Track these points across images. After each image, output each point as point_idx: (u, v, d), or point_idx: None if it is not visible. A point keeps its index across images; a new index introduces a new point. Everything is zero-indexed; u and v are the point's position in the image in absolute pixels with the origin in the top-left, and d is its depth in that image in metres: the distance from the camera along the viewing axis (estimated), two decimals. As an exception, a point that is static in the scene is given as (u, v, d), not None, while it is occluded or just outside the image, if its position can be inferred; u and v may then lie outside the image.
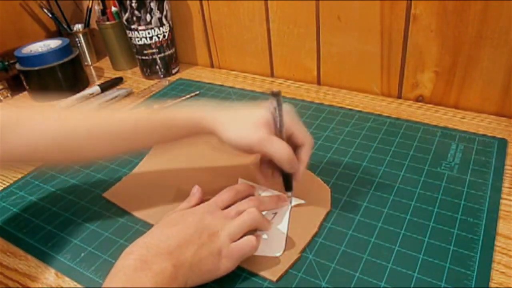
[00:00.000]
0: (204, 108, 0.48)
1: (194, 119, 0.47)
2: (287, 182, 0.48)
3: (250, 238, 0.41)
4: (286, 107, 0.45)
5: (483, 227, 0.44)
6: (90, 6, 0.96)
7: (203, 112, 0.47)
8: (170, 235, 0.39)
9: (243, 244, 0.41)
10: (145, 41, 0.83)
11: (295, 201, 0.49)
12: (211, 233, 0.41)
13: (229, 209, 0.45)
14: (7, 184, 0.59)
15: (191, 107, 0.49)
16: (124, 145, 0.48)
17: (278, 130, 0.44)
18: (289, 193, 0.48)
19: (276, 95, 0.42)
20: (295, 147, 0.46)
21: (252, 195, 0.49)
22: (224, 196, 0.47)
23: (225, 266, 0.40)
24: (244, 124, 0.45)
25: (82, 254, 0.46)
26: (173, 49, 0.88)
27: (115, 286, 0.34)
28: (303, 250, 0.43)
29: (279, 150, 0.43)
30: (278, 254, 0.43)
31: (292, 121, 0.45)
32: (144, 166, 0.59)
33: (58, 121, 0.46)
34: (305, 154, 0.46)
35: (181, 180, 0.55)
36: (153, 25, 0.82)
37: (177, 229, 0.40)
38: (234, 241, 0.41)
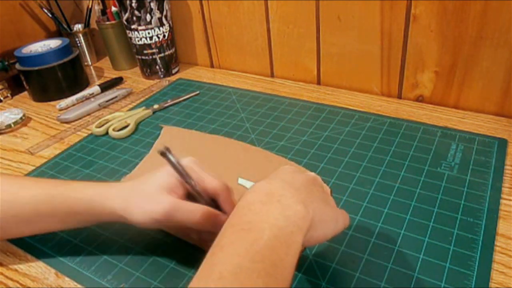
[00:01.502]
0: (104, 190, 0.42)
1: (96, 207, 0.42)
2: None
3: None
4: (186, 161, 0.41)
5: (483, 227, 0.44)
6: (90, 6, 0.96)
7: (103, 197, 0.42)
8: (293, 180, 0.35)
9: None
10: (145, 41, 0.83)
11: None
12: (321, 184, 0.38)
13: None
14: (7, 184, 0.59)
15: (92, 189, 0.43)
16: (28, 228, 0.45)
17: (189, 187, 0.40)
18: None
19: (163, 154, 0.38)
20: (214, 198, 0.41)
21: None
22: None
23: (343, 220, 0.37)
24: (147, 196, 0.39)
25: (82, 254, 0.46)
26: (173, 49, 0.88)
27: (237, 220, 0.30)
28: (303, 250, 0.43)
29: (191, 214, 0.38)
30: None
31: (197, 174, 0.41)
32: (144, 166, 0.59)
33: (4, 203, 0.43)
34: (225, 203, 0.41)
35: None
36: (153, 25, 0.82)
37: (295, 176, 0.36)
38: None
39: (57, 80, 0.84)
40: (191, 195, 0.40)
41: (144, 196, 0.40)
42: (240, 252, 0.28)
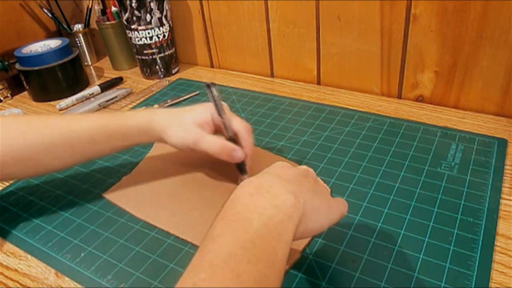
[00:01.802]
0: (151, 115, 0.51)
1: (144, 127, 0.50)
2: (240, 167, 0.50)
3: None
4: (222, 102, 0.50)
5: (483, 227, 0.44)
6: (90, 6, 0.96)
7: (150, 121, 0.50)
8: (284, 174, 0.36)
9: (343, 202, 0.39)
10: (145, 41, 0.83)
11: None
12: (313, 176, 0.39)
13: None
14: (7, 184, 0.59)
15: (140, 113, 0.52)
16: (82, 156, 0.50)
17: (220, 121, 0.49)
18: (245, 176, 0.50)
19: (208, 86, 0.48)
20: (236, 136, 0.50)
21: None
22: None
23: (337, 208, 0.37)
24: (182, 126, 0.49)
25: (82, 254, 0.46)
26: (173, 49, 0.88)
27: (228, 211, 0.31)
28: (303, 250, 0.43)
29: (210, 144, 0.48)
30: None
31: (228, 113, 0.50)
32: (144, 166, 0.59)
33: (17, 135, 0.47)
34: (244, 140, 0.49)
35: (181, 180, 0.55)
36: (153, 25, 0.82)
37: (286, 170, 0.37)
38: None
39: (57, 80, 0.84)
40: (218, 132, 0.51)
41: (180, 125, 0.49)
42: (230, 241, 0.28)
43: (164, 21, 0.83)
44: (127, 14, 0.81)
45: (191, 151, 0.50)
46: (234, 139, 0.50)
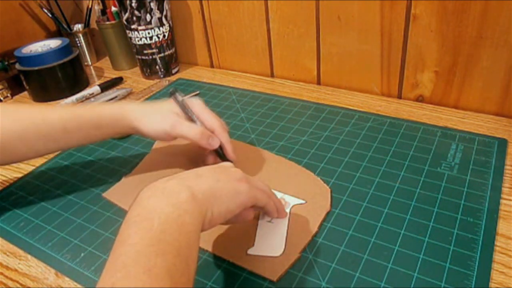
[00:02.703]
0: (124, 105, 0.53)
1: (117, 115, 0.52)
2: (220, 155, 0.52)
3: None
4: (194, 99, 0.53)
5: (483, 227, 0.44)
6: (90, 6, 0.96)
7: (124, 110, 0.52)
8: (189, 172, 0.39)
9: (261, 183, 0.43)
10: (145, 41, 0.83)
11: (295, 201, 0.49)
12: (224, 168, 0.42)
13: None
14: (7, 184, 0.59)
15: (114, 103, 0.54)
16: (55, 144, 0.52)
17: (189, 119, 0.51)
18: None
19: (172, 93, 0.53)
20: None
21: None
22: None
23: (243, 188, 0.39)
24: (157, 115, 0.51)
25: (82, 254, 0.46)
26: (173, 49, 0.88)
27: (130, 216, 0.33)
28: (303, 250, 0.43)
29: (189, 129, 0.50)
30: (277, 254, 0.43)
31: (199, 111, 0.52)
32: (144, 166, 0.59)
33: None
34: (219, 135, 0.51)
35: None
36: (153, 25, 0.82)
37: (196, 168, 0.40)
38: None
39: (57, 80, 0.84)
40: None
41: (157, 112, 0.52)
42: (137, 241, 0.31)
43: (164, 21, 0.83)
44: (127, 14, 0.81)
45: (164, 138, 0.52)
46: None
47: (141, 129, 0.52)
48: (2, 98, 0.86)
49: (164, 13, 0.82)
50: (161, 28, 0.83)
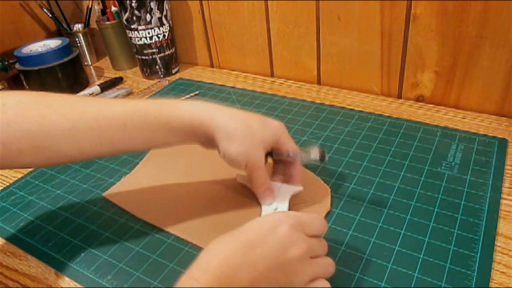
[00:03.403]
0: (210, 107, 0.43)
1: (195, 123, 0.42)
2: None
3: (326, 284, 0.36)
4: (278, 125, 0.46)
5: (483, 227, 0.44)
6: (90, 6, 0.96)
7: (209, 114, 0.42)
8: (245, 265, 0.32)
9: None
10: (145, 41, 0.83)
11: (293, 190, 0.48)
12: (291, 270, 0.33)
13: (310, 239, 0.36)
14: (7, 184, 0.59)
15: (191, 106, 0.43)
16: (109, 147, 0.42)
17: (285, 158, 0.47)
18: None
19: (322, 159, 0.45)
20: (283, 161, 0.48)
21: None
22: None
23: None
24: (251, 142, 0.42)
25: (82, 254, 0.46)
26: (173, 49, 0.88)
27: None
28: None
29: (260, 182, 0.45)
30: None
31: (285, 139, 0.46)
32: (145, 166, 0.59)
33: (36, 119, 0.40)
34: (294, 171, 0.48)
35: (181, 180, 0.55)
36: (153, 25, 0.82)
37: (254, 257, 0.32)
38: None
39: (57, 80, 0.84)
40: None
41: (248, 140, 0.42)
42: None
43: (164, 21, 0.83)
44: (127, 14, 0.81)
45: (228, 162, 0.44)
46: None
47: (222, 151, 0.43)
48: (2, 98, 0.86)
49: (164, 13, 0.82)
50: (161, 28, 0.83)
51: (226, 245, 0.33)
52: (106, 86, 0.86)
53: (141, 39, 0.83)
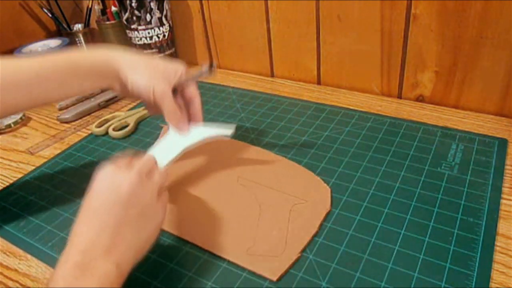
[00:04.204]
0: (109, 51, 0.48)
1: (101, 66, 0.47)
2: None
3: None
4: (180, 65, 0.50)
5: (483, 227, 0.44)
6: (90, 6, 0.96)
7: (109, 56, 0.47)
8: (99, 228, 0.35)
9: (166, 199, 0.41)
10: (145, 41, 0.83)
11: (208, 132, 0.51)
12: (136, 199, 0.37)
13: (134, 165, 0.40)
14: (7, 184, 0.59)
15: (96, 50, 0.48)
16: (29, 97, 0.46)
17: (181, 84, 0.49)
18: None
19: (211, 66, 0.48)
20: (186, 101, 0.51)
21: None
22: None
23: (162, 214, 0.40)
24: (153, 72, 0.47)
25: (82, 254, 0.46)
26: (173, 49, 0.88)
27: None
28: (303, 250, 0.43)
29: (170, 110, 0.48)
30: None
31: (186, 78, 0.50)
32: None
33: None
34: (196, 109, 0.51)
35: (180, 178, 0.55)
36: (153, 25, 0.82)
37: (102, 219, 0.36)
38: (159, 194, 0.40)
39: (57, 80, 0.83)
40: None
41: (151, 71, 0.47)
42: None
43: (164, 21, 0.83)
44: (127, 14, 0.81)
45: (138, 98, 0.50)
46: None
47: (129, 84, 0.47)
48: (2, 98, 0.86)
49: (164, 13, 0.82)
50: (161, 28, 0.83)
51: (80, 223, 0.37)
52: (106, 86, 0.86)
53: (141, 39, 0.83)
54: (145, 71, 0.47)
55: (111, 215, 0.36)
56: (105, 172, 0.39)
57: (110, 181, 0.38)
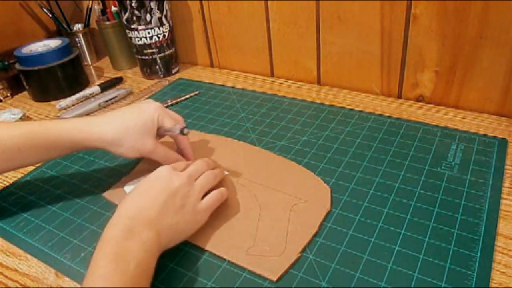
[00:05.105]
0: (82, 125, 0.50)
1: (78, 140, 0.50)
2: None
3: (220, 190, 0.48)
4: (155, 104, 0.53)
5: (483, 227, 0.44)
6: (90, 5, 0.96)
7: (90, 130, 0.50)
8: (147, 204, 0.42)
9: (214, 196, 0.47)
10: (145, 41, 0.83)
11: None
12: (182, 194, 0.44)
13: (187, 169, 0.48)
14: (7, 184, 0.59)
15: (70, 125, 0.50)
16: (11, 163, 0.50)
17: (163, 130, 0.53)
18: None
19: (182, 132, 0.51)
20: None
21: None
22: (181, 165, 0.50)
23: (201, 219, 0.45)
24: (133, 137, 0.50)
25: (82, 254, 0.46)
26: (173, 49, 0.88)
27: (108, 252, 0.37)
28: (303, 250, 0.43)
29: (164, 158, 0.53)
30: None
31: (164, 118, 0.52)
32: (144, 165, 0.59)
33: None
34: (183, 143, 0.55)
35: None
36: (153, 24, 0.82)
37: (151, 197, 0.43)
38: (204, 196, 0.46)
39: (57, 80, 0.84)
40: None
41: (133, 136, 0.50)
42: (114, 281, 0.34)
43: (164, 21, 0.83)
44: (127, 14, 0.81)
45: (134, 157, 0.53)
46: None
47: (115, 152, 0.51)
48: (2, 98, 0.86)
49: (164, 13, 0.82)
50: (161, 28, 0.83)
51: (132, 198, 0.43)
52: (106, 86, 0.86)
53: (141, 39, 0.83)
54: (126, 140, 0.50)
55: (159, 198, 0.42)
56: (163, 169, 0.46)
57: (165, 175, 0.45)
